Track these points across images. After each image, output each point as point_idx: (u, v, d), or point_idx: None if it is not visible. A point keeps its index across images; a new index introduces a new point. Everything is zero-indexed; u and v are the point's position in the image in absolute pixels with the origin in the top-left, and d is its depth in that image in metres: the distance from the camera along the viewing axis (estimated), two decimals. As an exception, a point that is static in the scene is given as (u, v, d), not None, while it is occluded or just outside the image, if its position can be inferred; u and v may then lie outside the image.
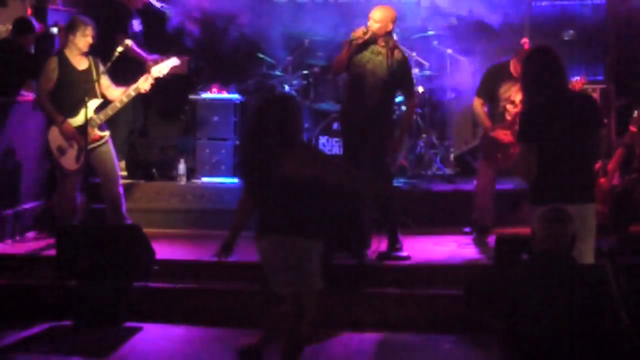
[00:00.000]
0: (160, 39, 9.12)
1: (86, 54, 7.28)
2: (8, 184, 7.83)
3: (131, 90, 7.28)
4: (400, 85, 7.08)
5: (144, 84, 7.26)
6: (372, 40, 6.94)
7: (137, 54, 8.55)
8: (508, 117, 7.24)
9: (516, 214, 7.73)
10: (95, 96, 7.27)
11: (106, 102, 7.34)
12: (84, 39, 7.19)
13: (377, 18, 6.91)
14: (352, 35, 6.94)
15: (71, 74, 7.22)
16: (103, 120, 7.28)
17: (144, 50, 8.67)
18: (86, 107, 7.04)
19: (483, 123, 7.39)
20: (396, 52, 6.96)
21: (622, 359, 4.18)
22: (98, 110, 7.26)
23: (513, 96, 7.25)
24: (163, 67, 7.40)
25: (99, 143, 7.29)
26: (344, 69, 7.06)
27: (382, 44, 6.94)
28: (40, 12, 8.75)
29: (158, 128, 9.80)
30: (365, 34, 6.87)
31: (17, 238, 7.80)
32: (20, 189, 8.01)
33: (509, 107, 7.27)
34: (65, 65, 7.23)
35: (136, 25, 8.75)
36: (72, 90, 7.19)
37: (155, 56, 8.79)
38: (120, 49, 7.35)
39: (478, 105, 7.37)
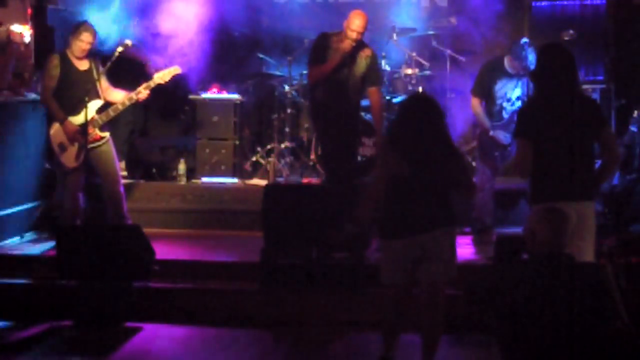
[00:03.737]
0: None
1: (86, 56, 7.29)
2: (8, 184, 7.83)
3: (133, 95, 7.31)
4: (371, 78, 7.30)
5: (144, 91, 7.29)
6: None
7: (138, 54, 8.55)
8: (505, 116, 7.27)
9: (516, 214, 7.74)
10: (97, 97, 7.30)
11: (108, 103, 7.35)
12: (78, 43, 7.21)
13: (363, 29, 7.10)
14: (341, 47, 7.10)
15: (72, 74, 7.25)
16: (105, 120, 7.29)
17: (144, 50, 8.67)
18: (86, 107, 7.04)
19: (482, 123, 7.40)
20: (367, 49, 7.25)
21: (622, 359, 4.18)
22: (100, 110, 7.29)
23: (509, 93, 7.28)
24: (165, 75, 7.42)
25: (99, 143, 7.30)
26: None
27: (355, 44, 7.16)
28: (40, 12, 8.74)
29: (158, 128, 9.80)
30: (352, 46, 7.10)
31: (17, 238, 7.80)
32: (20, 189, 8.01)
33: (505, 105, 7.30)
34: (66, 64, 7.25)
35: (133, 26, 8.74)
36: (74, 89, 7.21)
37: (155, 55, 8.80)
38: (120, 49, 7.35)
39: (476, 104, 7.40)
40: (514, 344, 4.21)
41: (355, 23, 7.07)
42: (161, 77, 7.41)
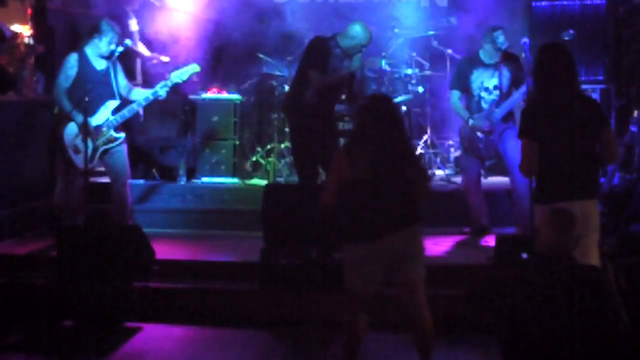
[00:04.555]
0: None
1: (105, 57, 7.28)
2: (8, 184, 7.83)
3: (150, 94, 7.29)
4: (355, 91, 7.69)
5: (162, 90, 7.27)
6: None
7: (137, 53, 8.56)
8: (484, 106, 7.33)
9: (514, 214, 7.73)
10: (113, 97, 7.27)
11: (123, 104, 7.33)
12: (108, 46, 7.18)
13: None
14: (347, 64, 7.27)
15: (89, 73, 7.18)
16: (120, 122, 7.27)
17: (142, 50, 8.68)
18: (85, 107, 7.02)
19: (461, 115, 7.46)
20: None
21: (622, 359, 4.18)
22: (116, 111, 7.27)
23: (486, 82, 7.33)
24: (183, 73, 7.40)
25: (113, 144, 7.28)
26: None
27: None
28: (40, 12, 8.74)
29: (158, 128, 9.79)
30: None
31: (17, 238, 7.80)
32: (19, 188, 8.01)
33: (483, 94, 7.35)
34: (84, 63, 7.20)
35: (132, 25, 8.74)
36: (90, 89, 7.13)
37: (154, 55, 8.81)
38: (120, 48, 7.34)
39: (454, 98, 7.50)
40: (514, 344, 4.21)
41: (368, 38, 7.16)
42: (179, 75, 7.39)
